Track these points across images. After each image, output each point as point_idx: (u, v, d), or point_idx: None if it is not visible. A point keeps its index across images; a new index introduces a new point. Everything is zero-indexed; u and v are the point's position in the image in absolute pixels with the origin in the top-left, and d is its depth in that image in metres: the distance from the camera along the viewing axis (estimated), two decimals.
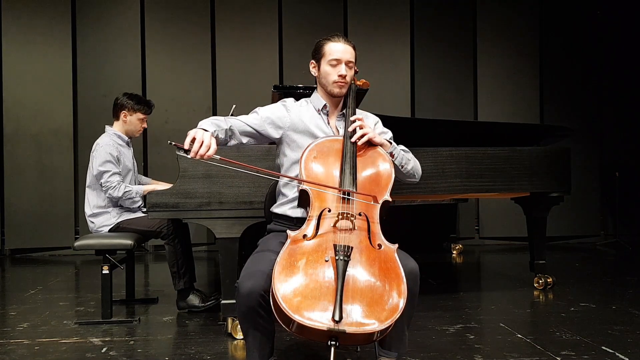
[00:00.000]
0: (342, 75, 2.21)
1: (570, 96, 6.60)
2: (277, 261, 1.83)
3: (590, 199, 6.60)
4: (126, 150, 3.74)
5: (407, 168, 2.28)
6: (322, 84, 2.28)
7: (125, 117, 3.70)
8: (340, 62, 2.22)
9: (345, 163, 2.05)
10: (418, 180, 2.38)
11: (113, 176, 3.52)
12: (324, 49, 2.24)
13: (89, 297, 3.92)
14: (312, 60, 2.29)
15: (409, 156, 2.31)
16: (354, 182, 2.02)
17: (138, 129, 3.76)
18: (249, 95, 5.99)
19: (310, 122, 2.27)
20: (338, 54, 2.21)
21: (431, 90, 6.50)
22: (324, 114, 2.30)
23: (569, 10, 6.63)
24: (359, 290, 1.77)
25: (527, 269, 4.11)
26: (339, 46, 2.22)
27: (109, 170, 3.52)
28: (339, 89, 2.24)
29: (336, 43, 2.23)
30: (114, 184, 3.51)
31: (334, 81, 2.22)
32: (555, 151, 3.80)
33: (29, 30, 6.04)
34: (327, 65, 2.23)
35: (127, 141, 3.77)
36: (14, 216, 5.99)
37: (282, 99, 2.35)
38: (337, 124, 2.31)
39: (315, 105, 2.31)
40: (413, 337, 2.81)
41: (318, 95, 2.32)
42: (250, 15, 6.28)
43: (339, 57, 2.21)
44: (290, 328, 1.74)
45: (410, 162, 2.29)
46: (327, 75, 2.24)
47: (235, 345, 2.80)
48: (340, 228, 1.93)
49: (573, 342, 2.76)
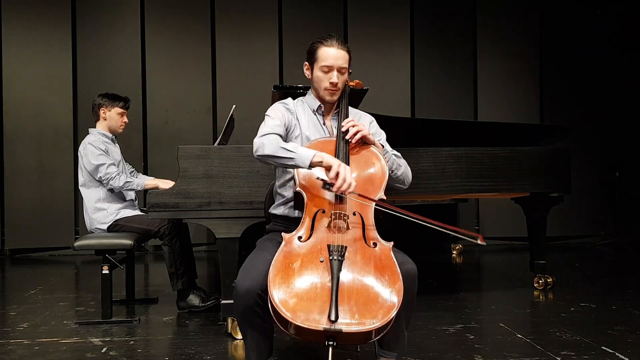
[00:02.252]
0: (333, 83, 2.18)
1: (570, 96, 6.60)
2: (272, 264, 1.83)
3: (590, 199, 6.60)
4: (113, 147, 3.77)
5: (397, 174, 2.23)
6: (315, 89, 2.26)
7: (104, 114, 3.74)
8: (332, 69, 2.18)
9: None
10: (406, 187, 2.33)
11: (110, 167, 3.55)
12: (317, 53, 2.19)
13: (89, 297, 3.92)
14: (306, 62, 2.26)
15: (401, 162, 2.27)
16: None
17: (119, 124, 3.79)
18: (249, 95, 5.99)
19: (307, 123, 2.26)
20: (330, 60, 2.17)
21: (431, 90, 6.50)
22: (319, 115, 2.30)
23: (569, 10, 6.63)
24: (355, 289, 1.77)
25: (527, 269, 4.11)
26: (332, 51, 2.17)
27: (104, 162, 3.55)
28: (330, 97, 2.22)
29: (329, 48, 2.17)
30: (114, 175, 3.54)
31: (326, 88, 2.20)
32: (555, 151, 3.80)
33: (29, 31, 6.04)
34: (319, 70, 2.19)
35: (112, 138, 3.79)
36: (14, 216, 5.99)
37: (282, 100, 2.33)
38: (332, 123, 2.30)
39: (311, 106, 2.30)
40: (413, 337, 2.81)
41: (312, 96, 2.31)
42: (250, 16, 6.28)
43: (330, 64, 2.17)
44: (288, 330, 1.74)
45: (401, 168, 2.25)
46: (320, 81, 2.21)
47: (235, 345, 2.80)
48: (335, 228, 1.94)
49: (573, 342, 2.76)
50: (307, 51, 2.25)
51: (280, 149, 1.98)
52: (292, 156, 1.96)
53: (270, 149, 1.99)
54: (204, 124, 6.25)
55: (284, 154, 1.97)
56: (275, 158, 1.99)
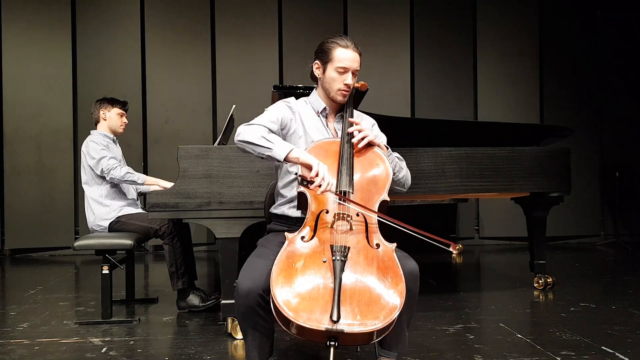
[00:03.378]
0: (348, 85, 2.18)
1: (570, 96, 6.60)
2: (275, 263, 1.83)
3: (590, 199, 6.60)
4: (114, 147, 3.81)
5: (399, 176, 2.23)
6: (325, 89, 2.24)
7: (104, 115, 3.79)
8: (348, 71, 2.17)
9: (342, 164, 2.05)
10: (405, 191, 2.33)
11: (111, 159, 3.60)
12: (332, 54, 2.17)
13: (89, 297, 3.92)
14: (317, 60, 2.23)
15: (403, 164, 2.27)
16: (351, 183, 2.02)
17: (120, 124, 3.82)
18: (249, 95, 6.00)
19: (310, 124, 2.25)
20: (347, 62, 2.16)
21: (431, 90, 6.50)
22: (323, 117, 2.28)
23: (569, 11, 6.64)
24: (357, 289, 1.77)
25: (527, 269, 4.11)
26: (349, 54, 2.16)
27: (105, 155, 3.60)
28: (342, 97, 2.21)
29: (346, 50, 2.16)
30: (115, 166, 3.58)
31: (339, 89, 2.19)
32: (555, 151, 3.80)
33: (29, 31, 6.04)
34: (333, 71, 2.18)
35: (112, 138, 3.83)
36: (14, 216, 5.99)
37: (285, 99, 2.31)
38: (336, 125, 2.29)
39: (315, 107, 2.28)
40: (413, 337, 2.81)
41: (318, 96, 2.28)
42: (250, 16, 6.29)
43: (347, 66, 2.16)
44: (290, 330, 1.74)
45: (402, 171, 2.25)
46: (333, 81, 2.19)
47: (235, 345, 2.80)
48: (338, 229, 1.94)
49: (573, 342, 2.76)
50: (319, 50, 2.22)
51: (260, 137, 2.01)
52: (269, 146, 1.99)
53: (250, 136, 2.02)
54: (204, 124, 6.25)
55: (263, 143, 2.00)
56: (254, 145, 2.01)
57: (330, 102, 2.27)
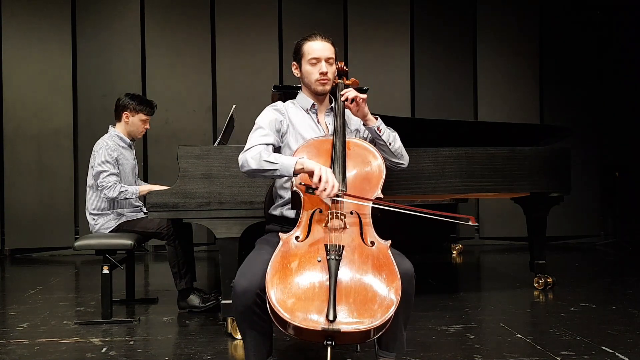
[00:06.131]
0: (323, 73, 2.23)
1: (570, 96, 6.59)
2: (270, 264, 1.83)
3: (590, 199, 6.59)
4: (127, 152, 3.72)
5: (395, 146, 2.28)
6: (306, 84, 2.30)
7: (127, 118, 3.66)
8: (320, 60, 2.23)
9: (334, 162, 2.05)
10: (406, 165, 2.37)
11: (110, 177, 3.50)
12: (303, 49, 2.26)
13: (89, 297, 3.92)
14: (294, 62, 2.32)
15: (395, 134, 2.31)
16: (344, 181, 2.02)
17: (140, 130, 3.73)
18: (249, 95, 5.99)
19: (301, 123, 2.28)
20: (317, 52, 2.23)
21: (431, 90, 6.50)
22: (312, 113, 2.32)
23: (569, 11, 6.63)
24: (353, 288, 1.77)
25: (527, 269, 4.11)
26: (317, 44, 2.24)
27: (106, 170, 3.50)
28: (322, 87, 2.26)
29: (313, 42, 2.25)
30: (110, 184, 3.48)
31: (317, 79, 2.25)
32: (555, 151, 3.80)
33: (29, 30, 6.03)
34: (307, 64, 2.25)
35: (129, 143, 3.74)
36: (14, 216, 5.99)
37: (272, 104, 2.35)
38: (327, 120, 2.32)
39: (303, 106, 2.33)
40: (413, 337, 2.81)
41: (304, 95, 2.34)
42: (250, 16, 6.28)
43: (318, 56, 2.23)
44: (287, 330, 1.74)
45: (397, 141, 2.30)
46: (309, 74, 2.26)
47: (235, 345, 2.80)
48: (332, 228, 1.94)
49: (573, 342, 2.76)
50: (293, 52, 2.32)
51: (263, 162, 2.04)
52: (276, 167, 2.03)
53: (254, 163, 2.06)
54: (204, 124, 6.25)
55: (268, 167, 2.03)
56: (261, 171, 2.06)
57: (317, 98, 2.31)
